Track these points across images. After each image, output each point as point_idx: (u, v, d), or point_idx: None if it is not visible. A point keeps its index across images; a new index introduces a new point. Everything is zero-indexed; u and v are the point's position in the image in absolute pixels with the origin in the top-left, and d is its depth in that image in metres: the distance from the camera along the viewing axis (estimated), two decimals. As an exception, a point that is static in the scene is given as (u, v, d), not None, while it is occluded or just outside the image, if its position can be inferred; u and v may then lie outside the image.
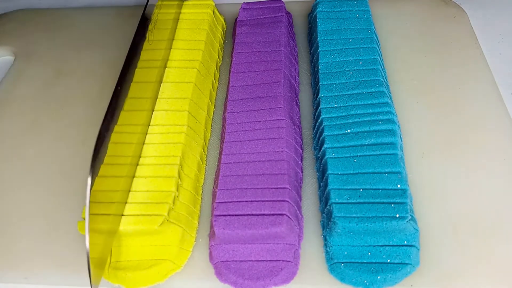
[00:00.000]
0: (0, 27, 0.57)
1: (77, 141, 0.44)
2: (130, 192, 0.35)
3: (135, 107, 0.37)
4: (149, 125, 0.39)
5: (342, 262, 0.33)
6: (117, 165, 0.34)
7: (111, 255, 0.34)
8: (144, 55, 0.40)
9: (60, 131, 0.45)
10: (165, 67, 0.44)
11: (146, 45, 0.41)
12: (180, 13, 0.50)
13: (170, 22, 0.46)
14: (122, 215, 0.34)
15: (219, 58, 0.50)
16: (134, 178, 0.36)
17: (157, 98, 0.41)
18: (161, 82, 0.43)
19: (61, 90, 0.49)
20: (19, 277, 0.35)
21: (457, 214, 0.36)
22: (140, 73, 0.39)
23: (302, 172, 0.39)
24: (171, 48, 0.46)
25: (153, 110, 0.40)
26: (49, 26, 0.57)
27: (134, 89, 0.38)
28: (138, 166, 0.37)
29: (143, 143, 0.38)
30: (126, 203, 0.34)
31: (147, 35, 0.42)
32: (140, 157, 0.37)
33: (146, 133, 0.39)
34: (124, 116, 0.35)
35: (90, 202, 0.28)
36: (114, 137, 0.34)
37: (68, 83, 0.49)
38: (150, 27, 0.43)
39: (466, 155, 0.39)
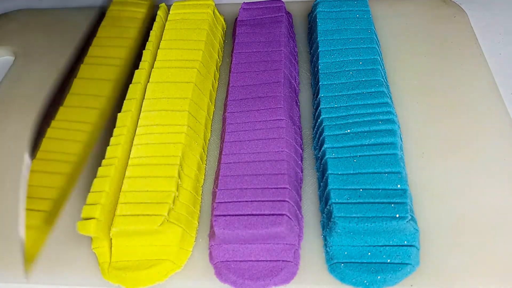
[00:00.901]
0: (0, 27, 0.57)
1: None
2: (130, 192, 0.35)
3: (75, 104, 0.37)
4: (96, 124, 0.40)
5: (342, 262, 0.33)
6: (53, 161, 0.34)
7: (111, 255, 0.34)
8: (93, 51, 0.41)
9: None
10: (124, 66, 0.44)
11: (96, 41, 0.41)
12: (145, 13, 0.50)
13: (126, 20, 0.46)
14: (116, 215, 0.34)
15: (219, 58, 0.50)
16: (134, 178, 0.36)
17: (112, 98, 0.42)
18: (118, 81, 0.43)
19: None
20: (19, 277, 0.35)
21: (457, 214, 0.36)
22: (85, 70, 0.39)
23: (302, 172, 0.39)
24: (133, 47, 0.46)
25: (101, 109, 0.41)
26: (49, 26, 0.57)
27: (77, 86, 0.38)
28: (138, 167, 0.37)
29: (86, 142, 0.38)
30: (119, 203, 0.34)
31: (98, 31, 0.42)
32: (130, 158, 0.37)
33: (91, 132, 0.39)
34: (63, 112, 0.35)
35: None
36: (51, 132, 0.34)
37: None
38: (103, 23, 0.43)
39: (466, 155, 0.39)
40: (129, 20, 0.49)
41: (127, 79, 0.43)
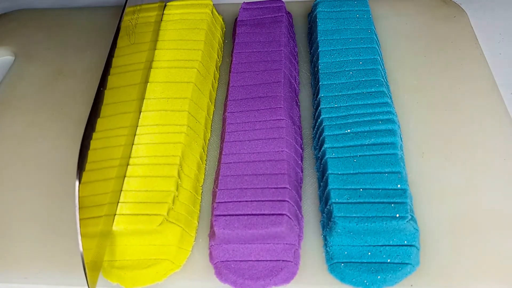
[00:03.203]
0: (0, 27, 0.57)
1: (77, 141, 0.43)
2: (130, 192, 0.35)
3: (121, 110, 0.38)
4: (136, 126, 0.39)
5: (342, 262, 0.33)
6: (107, 168, 0.34)
7: (110, 254, 0.34)
8: (127, 58, 0.40)
9: (60, 131, 0.45)
10: (149, 68, 0.44)
11: (128, 49, 0.41)
12: (162, 15, 0.50)
13: (151, 25, 0.46)
14: (116, 214, 0.34)
15: (218, 58, 0.50)
16: (134, 178, 0.36)
17: (143, 99, 0.41)
18: (146, 83, 0.43)
19: (61, 90, 0.49)
20: (19, 277, 0.35)
21: (457, 214, 0.36)
22: (124, 77, 0.39)
23: (302, 172, 0.39)
24: (155, 49, 0.46)
25: (140, 111, 0.40)
26: (49, 26, 0.57)
27: (117, 94, 0.38)
28: (138, 166, 0.37)
29: (131, 144, 0.38)
30: (119, 203, 0.34)
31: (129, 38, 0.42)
32: (130, 157, 0.37)
33: (134, 134, 0.39)
34: (108, 121, 0.35)
35: (80, 207, 0.29)
36: (100, 142, 0.34)
37: (68, 83, 0.49)
38: (128, 30, 0.42)
39: (466, 155, 0.39)
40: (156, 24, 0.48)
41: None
